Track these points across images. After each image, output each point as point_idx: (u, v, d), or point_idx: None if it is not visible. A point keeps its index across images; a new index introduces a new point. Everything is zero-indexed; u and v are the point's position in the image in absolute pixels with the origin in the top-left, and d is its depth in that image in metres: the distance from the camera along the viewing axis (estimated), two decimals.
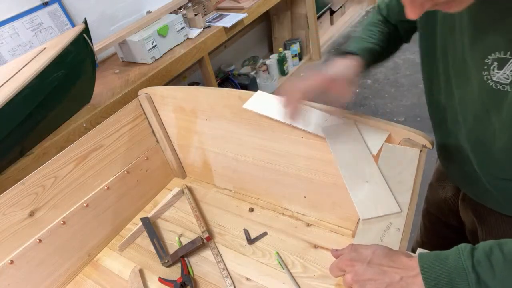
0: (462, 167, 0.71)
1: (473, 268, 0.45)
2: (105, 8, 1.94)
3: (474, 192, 0.74)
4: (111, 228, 1.01)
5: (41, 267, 0.86)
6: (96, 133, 0.96)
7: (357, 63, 0.72)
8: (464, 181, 0.76)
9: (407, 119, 2.39)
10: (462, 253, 0.47)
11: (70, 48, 1.27)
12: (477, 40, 0.52)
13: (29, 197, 0.84)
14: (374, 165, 0.70)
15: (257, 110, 0.86)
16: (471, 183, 0.72)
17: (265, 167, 0.95)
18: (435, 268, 0.48)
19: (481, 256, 0.46)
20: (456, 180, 0.80)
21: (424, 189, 0.94)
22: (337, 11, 3.73)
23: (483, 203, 0.72)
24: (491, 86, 0.51)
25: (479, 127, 0.59)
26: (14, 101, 1.11)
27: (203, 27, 2.04)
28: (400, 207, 0.62)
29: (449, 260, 0.47)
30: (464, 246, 0.48)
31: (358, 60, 0.72)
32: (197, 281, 0.84)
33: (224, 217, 0.99)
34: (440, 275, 0.47)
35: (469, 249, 0.47)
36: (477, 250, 0.47)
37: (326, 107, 0.82)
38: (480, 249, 0.47)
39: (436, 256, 0.49)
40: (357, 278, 0.50)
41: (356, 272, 0.51)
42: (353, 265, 0.52)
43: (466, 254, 0.47)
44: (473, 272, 0.45)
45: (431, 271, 0.48)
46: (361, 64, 0.72)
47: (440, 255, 0.49)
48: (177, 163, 1.14)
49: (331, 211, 0.89)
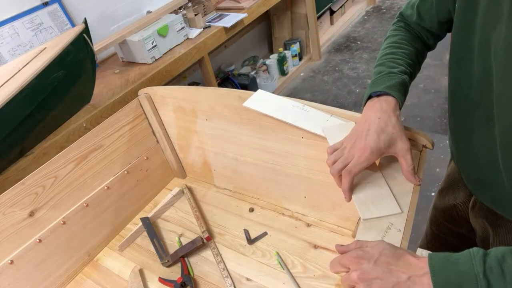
0: (484, 170, 0.67)
1: (484, 275, 0.44)
2: (105, 8, 1.95)
3: (491, 198, 0.71)
4: (111, 228, 1.01)
5: (41, 267, 0.86)
6: (96, 133, 0.96)
7: (396, 107, 0.66)
8: (482, 185, 0.72)
9: (407, 119, 2.39)
10: (474, 258, 0.46)
11: (70, 48, 1.27)
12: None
13: (29, 197, 0.84)
14: (375, 165, 0.70)
15: (257, 108, 0.86)
16: (490, 187, 0.69)
17: (265, 167, 0.95)
18: (445, 270, 0.47)
19: (494, 263, 0.45)
20: (473, 184, 0.75)
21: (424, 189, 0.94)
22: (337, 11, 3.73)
23: (498, 210, 0.70)
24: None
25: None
26: (14, 101, 1.11)
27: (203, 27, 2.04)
28: (401, 208, 0.62)
29: (460, 263, 0.47)
30: (476, 250, 0.47)
31: (396, 103, 0.66)
32: (197, 281, 0.84)
33: (224, 217, 0.99)
34: (450, 278, 0.46)
35: (481, 255, 0.46)
36: (489, 256, 0.46)
37: (327, 107, 0.82)
38: (493, 256, 0.46)
39: (447, 258, 0.48)
40: (364, 277, 0.50)
41: (363, 270, 0.50)
42: (359, 263, 0.51)
43: (478, 259, 0.46)
44: (484, 278, 0.44)
45: (441, 272, 0.47)
46: (398, 106, 0.67)
47: (450, 257, 0.48)
48: (177, 163, 1.14)
49: (331, 211, 0.89)
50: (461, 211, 0.85)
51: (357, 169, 0.63)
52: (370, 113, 0.65)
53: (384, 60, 0.73)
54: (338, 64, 3.18)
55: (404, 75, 0.69)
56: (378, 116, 0.64)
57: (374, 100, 0.67)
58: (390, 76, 0.68)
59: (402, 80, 0.68)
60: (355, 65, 3.12)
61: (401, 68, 0.70)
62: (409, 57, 0.73)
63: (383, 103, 0.65)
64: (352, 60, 3.19)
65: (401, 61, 0.71)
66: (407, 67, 0.71)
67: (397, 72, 0.69)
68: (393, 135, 0.63)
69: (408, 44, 0.76)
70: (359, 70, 3.03)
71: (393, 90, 0.66)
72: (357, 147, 0.63)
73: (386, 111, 0.64)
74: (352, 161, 0.63)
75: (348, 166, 0.63)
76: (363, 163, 0.62)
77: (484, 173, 0.68)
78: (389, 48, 0.75)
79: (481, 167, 0.68)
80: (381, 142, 0.62)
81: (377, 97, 0.67)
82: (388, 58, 0.73)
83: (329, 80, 3.02)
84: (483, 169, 0.68)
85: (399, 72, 0.69)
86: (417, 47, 0.77)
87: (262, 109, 0.86)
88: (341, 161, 0.64)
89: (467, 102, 0.65)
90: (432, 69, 2.79)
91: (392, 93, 0.66)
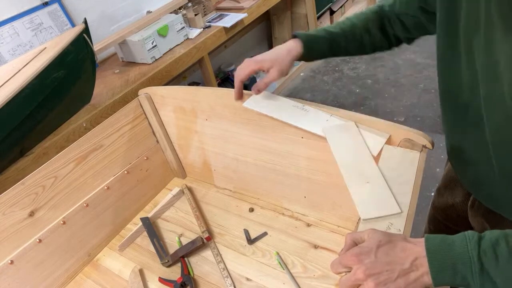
0: (478, 169, 0.69)
1: (478, 258, 0.46)
2: (105, 8, 1.94)
3: (488, 197, 0.72)
4: (111, 228, 1.01)
5: (41, 267, 0.86)
6: (96, 133, 0.96)
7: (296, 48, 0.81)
8: (478, 185, 0.73)
9: (407, 119, 2.39)
10: (469, 242, 0.48)
11: (70, 48, 1.27)
12: (509, 34, 0.50)
13: (29, 197, 0.84)
14: (375, 165, 0.70)
15: (256, 108, 0.86)
16: (487, 187, 0.70)
17: (265, 167, 0.95)
18: (440, 251, 0.49)
19: (488, 246, 0.47)
20: (469, 184, 0.77)
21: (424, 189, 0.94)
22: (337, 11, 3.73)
23: (496, 209, 0.71)
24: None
25: (506, 124, 0.57)
26: (14, 101, 1.11)
27: (203, 27, 2.04)
28: (401, 208, 0.62)
29: (455, 246, 0.48)
30: (471, 234, 0.49)
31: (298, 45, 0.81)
32: (197, 281, 0.84)
33: (224, 217, 0.99)
34: (445, 259, 0.48)
35: (476, 238, 0.48)
36: (484, 240, 0.48)
37: (327, 107, 0.82)
38: (487, 240, 0.48)
39: (443, 240, 0.50)
40: (370, 272, 0.50)
41: (367, 266, 0.50)
42: (360, 259, 0.51)
43: (473, 243, 0.48)
44: (478, 262, 0.46)
45: (437, 254, 0.49)
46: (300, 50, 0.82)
47: (446, 239, 0.50)
48: (177, 163, 1.14)
49: (331, 211, 0.89)
50: (459, 210, 0.86)
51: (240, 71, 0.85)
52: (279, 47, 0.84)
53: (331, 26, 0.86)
54: (338, 64, 3.18)
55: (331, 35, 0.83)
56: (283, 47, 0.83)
57: None
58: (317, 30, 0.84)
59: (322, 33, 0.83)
60: (355, 65, 3.12)
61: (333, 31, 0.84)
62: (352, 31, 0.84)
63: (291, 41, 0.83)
64: (352, 60, 3.19)
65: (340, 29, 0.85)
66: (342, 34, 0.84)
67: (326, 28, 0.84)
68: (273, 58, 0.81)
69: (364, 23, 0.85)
70: (359, 70, 3.03)
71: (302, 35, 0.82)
72: None
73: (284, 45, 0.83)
74: None
75: None
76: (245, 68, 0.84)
77: (478, 171, 0.69)
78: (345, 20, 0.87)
79: (475, 166, 0.70)
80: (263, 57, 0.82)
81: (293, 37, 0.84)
82: (334, 26, 0.85)
83: (329, 80, 3.02)
84: (477, 167, 0.69)
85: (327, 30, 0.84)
86: (373, 31, 0.85)
87: (262, 109, 0.86)
88: None
89: (457, 105, 0.67)
90: (432, 69, 2.79)
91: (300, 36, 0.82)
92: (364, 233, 0.55)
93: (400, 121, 2.40)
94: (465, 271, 0.47)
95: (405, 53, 3.06)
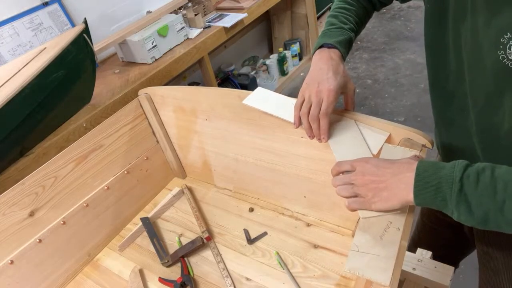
0: (463, 156, 0.71)
1: (460, 179, 0.49)
2: (105, 8, 1.95)
3: None
4: (111, 228, 1.01)
5: (41, 267, 0.86)
6: (96, 133, 0.96)
7: (341, 59, 0.78)
8: None
9: (407, 119, 2.39)
10: (457, 166, 0.51)
11: (70, 48, 1.27)
12: (492, 20, 0.52)
13: (29, 197, 0.84)
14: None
15: (256, 106, 0.86)
16: None
17: (265, 167, 0.95)
18: (428, 172, 0.52)
19: (472, 172, 0.50)
20: None
21: None
22: None
23: None
24: (507, 65, 0.52)
25: (489, 109, 0.60)
26: (14, 101, 1.11)
27: (203, 27, 2.04)
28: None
29: (444, 170, 0.52)
30: (461, 161, 0.52)
31: (341, 57, 0.78)
32: (197, 281, 0.84)
33: (224, 217, 0.99)
34: (431, 180, 0.52)
35: (464, 164, 0.51)
36: (471, 167, 0.51)
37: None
38: (474, 167, 0.51)
39: (435, 164, 0.53)
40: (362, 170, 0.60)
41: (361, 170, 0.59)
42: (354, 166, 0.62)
43: (459, 167, 0.51)
44: (459, 182, 0.49)
45: (425, 174, 0.53)
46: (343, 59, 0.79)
47: (438, 164, 0.53)
48: (177, 163, 1.14)
49: (331, 211, 0.89)
50: None
51: (330, 109, 0.72)
52: (322, 61, 0.75)
53: (337, 13, 0.82)
54: None
55: (352, 32, 0.80)
56: (331, 63, 0.74)
57: (324, 50, 0.77)
58: (341, 31, 0.79)
59: (350, 38, 0.79)
60: (355, 65, 3.12)
61: (350, 26, 0.81)
62: (357, 16, 0.83)
63: (332, 54, 0.76)
64: (352, 60, 3.19)
65: (351, 18, 0.82)
66: (355, 25, 0.82)
67: (347, 29, 0.80)
68: (345, 78, 0.74)
69: (359, 3, 0.85)
70: (359, 70, 3.03)
71: (341, 46, 0.76)
72: (322, 90, 0.71)
73: (335, 59, 0.75)
74: (323, 103, 0.71)
75: (322, 109, 0.71)
76: (333, 102, 0.71)
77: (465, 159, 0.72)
78: (343, 3, 0.84)
79: (461, 154, 0.73)
80: (339, 82, 0.73)
81: (327, 48, 0.77)
82: (342, 13, 0.82)
83: None
84: (464, 156, 0.70)
85: (349, 29, 0.80)
86: (366, 7, 0.86)
87: (261, 107, 0.85)
88: (314, 107, 0.72)
89: (445, 94, 0.71)
90: None
91: (340, 48, 0.76)
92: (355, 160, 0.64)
93: (400, 121, 2.40)
94: (446, 190, 0.50)
95: (405, 53, 3.07)
